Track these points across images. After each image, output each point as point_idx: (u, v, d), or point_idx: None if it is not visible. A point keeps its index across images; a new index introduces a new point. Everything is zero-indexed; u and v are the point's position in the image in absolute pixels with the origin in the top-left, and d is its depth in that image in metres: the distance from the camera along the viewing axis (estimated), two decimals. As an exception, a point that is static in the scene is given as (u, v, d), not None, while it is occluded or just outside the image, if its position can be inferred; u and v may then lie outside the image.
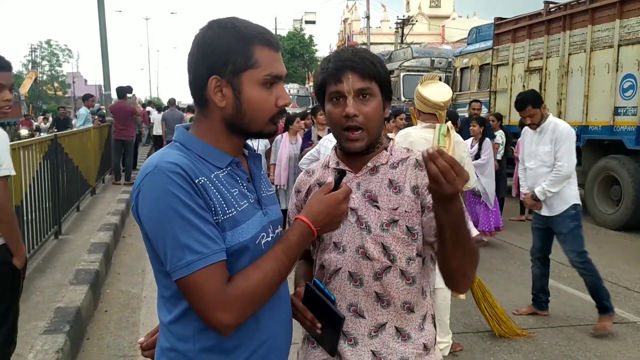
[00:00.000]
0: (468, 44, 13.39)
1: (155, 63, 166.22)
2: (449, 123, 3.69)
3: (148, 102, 25.10)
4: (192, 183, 1.22)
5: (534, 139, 4.48)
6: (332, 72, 1.49)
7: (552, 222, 4.46)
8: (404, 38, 33.75)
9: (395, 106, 11.77)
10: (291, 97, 24.61)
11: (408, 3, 51.92)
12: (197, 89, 1.31)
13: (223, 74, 1.28)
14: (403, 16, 38.21)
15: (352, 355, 1.50)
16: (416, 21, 38.19)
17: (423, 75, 3.91)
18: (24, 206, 5.05)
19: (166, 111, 13.98)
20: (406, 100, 13.95)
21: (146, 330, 1.62)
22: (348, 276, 1.51)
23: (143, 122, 15.77)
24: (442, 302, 3.73)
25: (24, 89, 33.00)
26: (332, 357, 1.53)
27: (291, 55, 46.69)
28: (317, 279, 1.56)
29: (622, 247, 7.40)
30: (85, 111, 12.89)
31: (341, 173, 1.40)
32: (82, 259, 5.49)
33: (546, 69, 9.95)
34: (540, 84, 10.07)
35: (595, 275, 4.33)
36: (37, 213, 5.61)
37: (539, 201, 4.43)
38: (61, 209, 6.77)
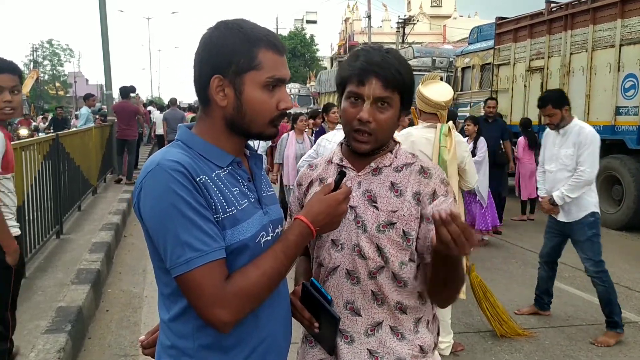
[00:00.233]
0: (469, 44, 13.37)
1: (156, 63, 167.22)
2: (450, 122, 3.69)
3: (149, 102, 25.11)
4: (194, 181, 1.22)
5: (557, 141, 4.30)
6: (357, 73, 1.48)
7: (569, 229, 4.30)
8: (405, 38, 33.76)
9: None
10: (292, 97, 24.77)
11: (409, 3, 51.89)
12: (201, 88, 1.33)
13: (226, 74, 1.29)
14: (404, 16, 38.25)
15: (349, 353, 1.50)
16: (417, 21, 38.21)
17: (424, 75, 3.90)
18: (26, 206, 5.06)
19: (167, 111, 13.99)
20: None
21: (147, 329, 1.62)
22: (345, 274, 1.51)
23: (145, 122, 15.76)
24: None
25: (26, 89, 33.02)
26: (330, 357, 1.53)
27: (292, 54, 46.70)
28: (315, 279, 1.57)
29: (624, 247, 7.39)
30: (86, 111, 12.89)
31: (341, 174, 1.40)
32: (84, 259, 5.49)
33: (547, 69, 9.94)
34: (541, 84, 10.07)
35: (609, 287, 4.16)
36: (39, 213, 5.62)
37: (557, 206, 4.27)
38: (63, 209, 6.77)
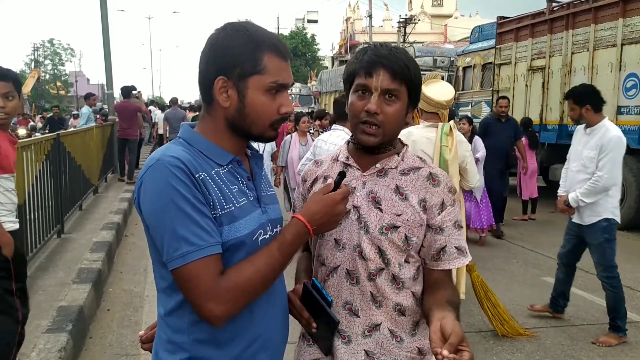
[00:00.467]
0: (470, 43, 13.37)
1: (157, 62, 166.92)
2: (452, 122, 3.68)
3: (150, 102, 25.12)
4: (192, 177, 1.25)
5: (582, 140, 4.20)
6: (365, 65, 1.48)
7: (584, 232, 4.23)
8: (407, 37, 33.73)
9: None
10: (293, 97, 24.79)
11: (410, 2, 51.92)
12: (205, 87, 1.35)
13: (230, 76, 1.31)
14: (405, 15, 38.23)
15: (346, 353, 1.50)
16: (418, 20, 38.20)
17: (426, 74, 3.90)
18: (27, 205, 5.06)
19: (169, 110, 13.99)
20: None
21: (148, 328, 1.64)
22: (346, 274, 1.52)
23: (146, 122, 15.77)
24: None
25: (27, 88, 33.08)
26: (326, 357, 1.53)
27: (293, 54, 46.55)
28: (316, 277, 1.57)
29: (625, 247, 7.35)
30: (87, 110, 12.90)
31: (341, 174, 1.40)
32: (85, 258, 5.50)
33: (549, 68, 9.93)
34: (543, 83, 10.07)
35: (618, 294, 4.13)
36: (40, 212, 5.62)
37: (571, 207, 4.20)
38: (64, 208, 6.78)
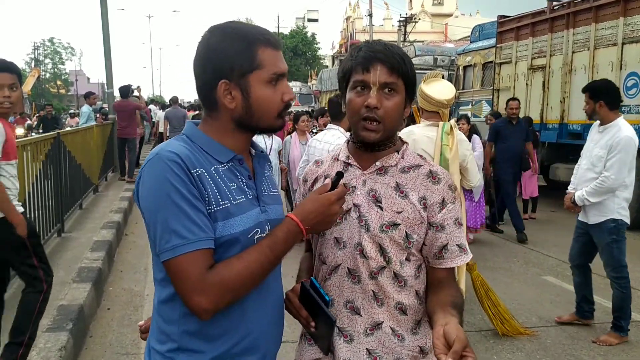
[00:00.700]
0: (471, 42, 13.36)
1: (157, 61, 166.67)
2: (453, 121, 3.68)
3: (151, 100, 25.10)
4: (189, 172, 1.27)
5: (595, 138, 4.13)
6: (361, 61, 1.48)
7: (591, 231, 4.19)
8: (407, 36, 33.68)
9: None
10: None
11: (411, 1, 51.90)
12: (206, 93, 1.37)
13: (231, 78, 1.33)
14: (406, 14, 38.19)
15: (348, 351, 1.50)
16: (419, 19, 38.16)
17: (426, 73, 3.89)
18: (27, 204, 5.05)
19: (169, 109, 14.00)
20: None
21: (149, 327, 1.65)
22: (347, 272, 1.51)
23: (146, 121, 15.75)
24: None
25: (27, 87, 33.05)
26: (326, 356, 1.53)
27: (294, 53, 46.67)
28: (317, 276, 1.57)
29: (628, 246, 7.32)
30: (87, 109, 12.89)
31: (339, 174, 1.40)
32: (85, 257, 5.49)
33: (549, 67, 9.92)
34: (543, 82, 10.06)
35: (626, 294, 4.09)
36: (40, 211, 5.62)
37: (577, 205, 4.15)
38: (64, 207, 6.78)
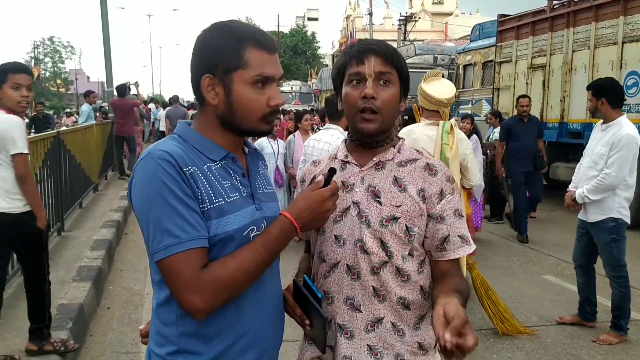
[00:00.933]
0: (471, 41, 13.34)
1: (157, 60, 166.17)
2: (453, 120, 3.68)
3: (150, 99, 25.09)
4: (181, 171, 1.26)
5: (597, 137, 4.14)
6: (355, 54, 1.51)
7: (591, 229, 4.19)
8: (407, 35, 33.67)
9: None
10: (293, 95, 24.69)
11: (411, 0, 51.82)
12: (196, 87, 1.38)
13: (215, 73, 1.33)
14: (406, 13, 38.16)
15: (348, 348, 1.50)
16: (419, 18, 38.13)
17: (426, 72, 3.89)
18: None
19: (170, 108, 14.06)
20: (409, 97, 13.90)
21: (149, 326, 1.65)
22: (346, 269, 1.51)
23: (146, 119, 15.75)
24: (445, 300, 3.72)
25: (27, 86, 32.91)
26: (324, 354, 1.52)
27: (293, 52, 46.65)
28: (316, 274, 1.57)
29: (627, 245, 7.31)
30: (87, 108, 12.88)
31: (331, 171, 1.40)
32: (85, 256, 5.50)
33: (549, 66, 9.91)
34: (543, 81, 10.04)
35: (626, 293, 4.10)
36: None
37: (578, 203, 4.15)
38: (64, 206, 6.78)
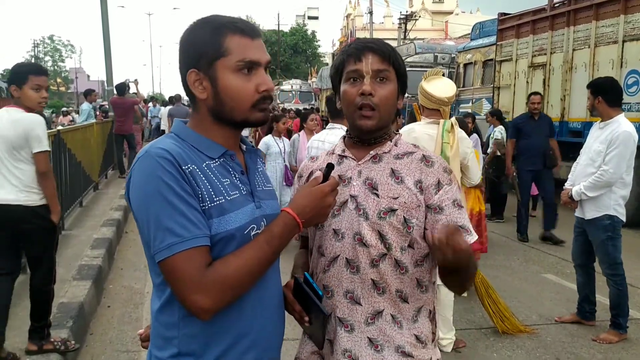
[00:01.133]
0: (471, 40, 13.34)
1: (157, 59, 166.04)
2: (453, 119, 3.68)
3: (150, 98, 25.08)
4: (180, 169, 1.24)
5: (595, 135, 4.16)
6: (353, 52, 1.52)
7: (587, 227, 4.19)
8: (407, 34, 33.65)
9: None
10: (293, 93, 24.63)
11: (411, -1, 51.76)
12: (185, 86, 1.37)
13: (199, 67, 1.32)
14: (406, 12, 38.14)
15: (349, 341, 1.50)
16: (419, 17, 38.15)
17: (426, 71, 3.88)
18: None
19: (172, 107, 14.14)
20: (409, 96, 13.89)
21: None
22: (345, 263, 1.51)
23: (144, 117, 15.77)
24: (445, 299, 3.73)
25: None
26: (321, 350, 1.54)
27: (294, 51, 46.64)
28: (315, 268, 1.57)
29: (626, 244, 7.24)
30: (87, 106, 12.88)
31: (329, 166, 1.40)
32: (85, 255, 5.50)
33: (550, 65, 9.91)
34: (544, 80, 10.04)
35: (623, 291, 4.10)
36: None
37: (575, 200, 4.16)
38: (64, 205, 6.75)
